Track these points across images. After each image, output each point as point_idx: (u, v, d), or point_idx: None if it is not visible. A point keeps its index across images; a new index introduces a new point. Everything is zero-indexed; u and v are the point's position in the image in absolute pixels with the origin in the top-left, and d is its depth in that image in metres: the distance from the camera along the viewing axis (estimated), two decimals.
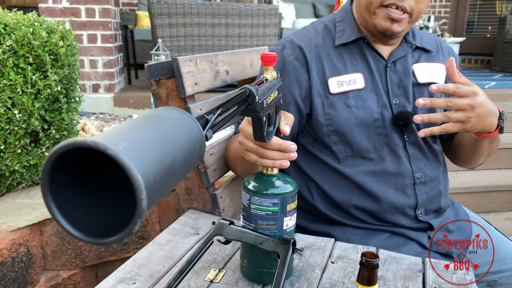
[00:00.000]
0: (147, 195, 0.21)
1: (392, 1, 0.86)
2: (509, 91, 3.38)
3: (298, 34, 0.99)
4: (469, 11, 6.01)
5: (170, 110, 0.29)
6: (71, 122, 1.57)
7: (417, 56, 0.99)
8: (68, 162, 0.23)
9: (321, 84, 0.92)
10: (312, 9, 5.69)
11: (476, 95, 0.80)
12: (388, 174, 0.93)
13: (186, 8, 2.87)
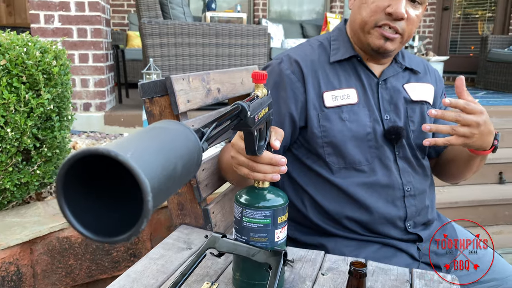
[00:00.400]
0: (153, 197, 0.24)
1: (385, 22, 0.91)
2: (492, 108, 3.47)
3: (295, 49, 1.04)
4: (452, 31, 6.20)
5: (171, 123, 0.32)
6: (63, 140, 1.58)
7: (407, 77, 1.04)
8: (80, 169, 0.25)
9: (316, 98, 0.96)
10: (300, 29, 5.82)
11: (482, 114, 0.85)
12: (379, 186, 0.96)
13: (177, 28, 2.93)
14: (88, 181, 0.27)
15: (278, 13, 6.32)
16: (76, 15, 2.86)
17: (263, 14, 6.05)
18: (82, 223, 0.26)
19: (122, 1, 5.71)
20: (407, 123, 1.00)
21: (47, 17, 2.84)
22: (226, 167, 0.98)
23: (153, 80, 1.52)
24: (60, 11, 2.84)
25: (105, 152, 0.23)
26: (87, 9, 2.87)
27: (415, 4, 0.92)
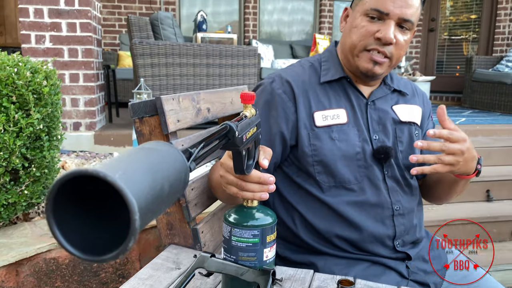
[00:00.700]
0: (140, 216, 0.24)
1: (374, 46, 0.94)
2: (478, 127, 3.54)
3: (286, 70, 1.06)
4: (438, 52, 6.35)
5: (159, 144, 0.33)
6: (52, 160, 1.57)
7: (396, 99, 1.07)
8: (69, 189, 0.26)
9: (307, 117, 0.98)
10: (290, 50, 5.92)
11: (465, 141, 0.88)
12: (368, 205, 0.98)
13: (167, 48, 2.96)
14: (77, 201, 0.28)
15: (268, 34, 6.43)
16: (67, 35, 2.89)
17: (253, 35, 6.15)
18: (70, 242, 0.26)
19: (113, 21, 5.76)
20: (396, 144, 1.02)
21: (38, 37, 2.85)
22: (215, 186, 0.99)
23: (144, 99, 1.53)
24: (52, 31, 2.86)
25: (94, 173, 0.24)
26: (79, 29, 2.89)
27: (403, 29, 0.95)
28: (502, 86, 4.62)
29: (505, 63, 4.88)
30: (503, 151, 3.07)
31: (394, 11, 0.91)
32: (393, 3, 0.91)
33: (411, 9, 0.92)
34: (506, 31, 5.70)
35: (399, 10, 0.91)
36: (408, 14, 0.92)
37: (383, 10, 0.91)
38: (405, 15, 0.92)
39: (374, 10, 0.92)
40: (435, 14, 6.26)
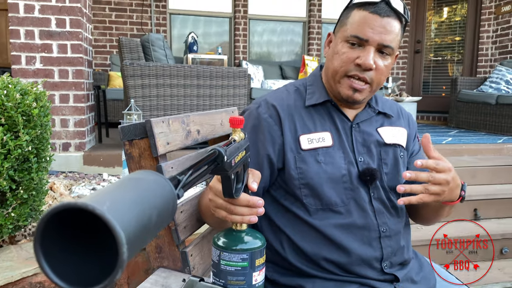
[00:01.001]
0: (128, 248, 0.25)
1: (354, 72, 0.96)
2: (464, 146, 3.60)
3: (272, 94, 1.08)
4: (424, 73, 6.49)
5: (146, 173, 0.33)
6: (40, 181, 1.56)
7: (381, 121, 1.08)
8: (57, 220, 0.26)
9: (293, 141, 0.99)
10: (279, 70, 6.00)
11: (450, 171, 0.90)
12: (355, 227, 0.98)
13: (158, 70, 2.99)
14: (65, 231, 0.28)
15: (258, 55, 6.52)
16: (58, 56, 2.90)
17: (243, 56, 6.24)
18: (57, 273, 0.27)
19: (104, 42, 5.80)
20: (381, 166, 1.04)
21: (29, 59, 2.86)
22: (205, 210, 0.99)
23: (134, 120, 1.52)
24: (42, 52, 2.87)
25: (83, 206, 0.25)
26: (70, 51, 2.91)
27: (383, 55, 0.97)
28: (486, 106, 4.72)
29: (489, 84, 5.01)
30: (489, 170, 3.12)
31: (373, 38, 0.93)
32: (372, 30, 0.93)
33: (391, 35, 0.94)
34: (488, 53, 5.86)
35: (378, 37, 0.93)
36: (388, 40, 0.94)
37: (363, 36, 0.94)
38: (385, 41, 0.94)
39: (354, 36, 0.95)
40: (421, 36, 6.43)
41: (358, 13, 0.95)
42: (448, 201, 0.95)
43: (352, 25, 0.95)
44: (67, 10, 2.88)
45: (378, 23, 0.93)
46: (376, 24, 0.93)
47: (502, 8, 5.60)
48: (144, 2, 5.86)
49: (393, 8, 0.93)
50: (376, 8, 0.93)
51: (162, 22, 5.96)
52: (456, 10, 6.30)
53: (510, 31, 5.50)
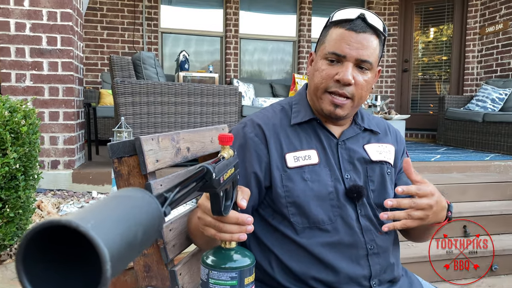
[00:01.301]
0: (111, 265, 0.25)
1: (334, 89, 0.98)
2: (452, 164, 3.64)
3: (258, 114, 1.09)
4: (413, 91, 6.60)
5: (133, 190, 0.34)
6: (28, 200, 1.54)
7: (367, 138, 1.09)
8: (41, 238, 0.26)
9: (279, 159, 0.99)
10: (270, 88, 6.06)
11: (433, 195, 0.90)
12: (343, 245, 0.98)
13: (149, 87, 3.00)
14: (49, 249, 0.28)
15: (249, 73, 6.58)
16: (48, 74, 2.90)
17: (234, 74, 6.29)
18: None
19: (96, 60, 5.82)
20: (367, 183, 1.04)
21: (19, 76, 2.85)
22: (194, 230, 0.98)
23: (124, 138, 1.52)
24: (33, 70, 2.87)
25: (67, 223, 0.25)
26: (60, 68, 2.91)
27: (362, 70, 0.98)
28: (473, 124, 4.80)
29: (475, 102, 5.10)
30: (478, 187, 3.15)
31: (350, 53, 0.95)
32: (349, 46, 0.95)
33: (368, 50, 0.96)
34: (474, 72, 5.99)
35: (355, 52, 0.95)
36: (365, 55, 0.96)
37: (340, 53, 0.96)
38: (362, 56, 0.95)
39: (332, 53, 0.97)
40: (408, 55, 6.56)
41: (335, 30, 0.98)
42: (434, 223, 0.96)
43: (330, 43, 0.98)
44: (58, 28, 2.89)
45: (354, 39, 0.95)
46: (353, 40, 0.95)
47: (486, 29, 5.76)
48: (136, 21, 5.92)
49: (369, 24, 0.96)
50: (352, 25, 0.95)
51: (153, 40, 6.01)
52: (443, 31, 6.46)
53: (494, 51, 5.65)
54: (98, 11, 5.76)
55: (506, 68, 5.45)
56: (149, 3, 5.96)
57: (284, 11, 6.54)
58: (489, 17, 5.73)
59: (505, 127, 4.40)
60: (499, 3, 5.56)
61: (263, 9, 6.50)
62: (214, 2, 6.26)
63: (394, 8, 6.54)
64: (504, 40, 5.48)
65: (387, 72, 6.63)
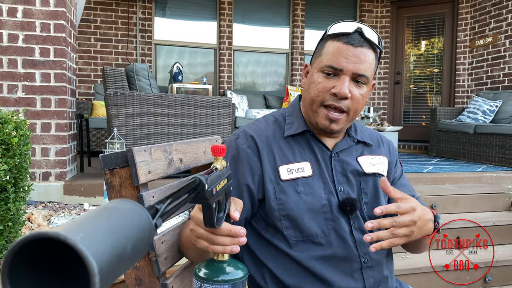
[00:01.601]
0: (100, 279, 0.24)
1: (331, 102, 0.97)
2: (445, 175, 3.66)
3: (251, 125, 1.08)
4: (405, 103, 6.66)
5: (123, 202, 0.33)
6: (17, 212, 1.52)
7: (360, 150, 1.09)
8: (28, 250, 0.26)
9: (272, 171, 0.99)
10: (264, 100, 6.08)
11: (415, 210, 0.87)
12: (336, 259, 0.97)
13: (142, 99, 2.99)
14: (36, 262, 0.27)
15: (243, 85, 6.61)
16: (41, 85, 2.88)
17: (228, 85, 6.31)
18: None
19: (89, 71, 5.81)
20: (360, 195, 1.03)
21: (11, 87, 2.84)
22: (186, 242, 0.97)
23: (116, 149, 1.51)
24: (25, 81, 2.86)
25: (54, 236, 0.24)
26: (53, 80, 2.90)
27: (359, 84, 0.98)
28: (465, 135, 4.84)
29: (467, 114, 5.16)
30: (470, 198, 3.16)
31: (347, 67, 0.95)
32: (346, 60, 0.95)
33: (365, 64, 0.96)
34: (465, 84, 6.07)
35: (352, 66, 0.95)
36: (362, 69, 0.95)
37: (337, 66, 0.95)
38: (359, 70, 0.95)
39: (329, 66, 0.96)
40: (400, 67, 6.64)
41: (332, 44, 0.97)
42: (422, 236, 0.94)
43: (327, 56, 0.97)
44: (51, 39, 2.89)
45: (351, 53, 0.95)
46: (350, 54, 0.95)
47: (476, 42, 5.85)
48: (129, 33, 5.94)
49: (366, 38, 0.96)
50: (350, 38, 0.95)
51: (147, 52, 6.02)
52: (434, 44, 6.56)
53: (484, 64, 5.74)
54: (92, 23, 5.77)
55: (496, 81, 5.53)
56: (143, 15, 5.98)
57: (278, 23, 6.61)
58: (478, 30, 5.83)
59: (496, 139, 4.45)
60: (488, 17, 5.66)
61: (257, 21, 6.56)
62: (208, 15, 6.30)
63: (386, 21, 6.64)
64: (494, 53, 5.57)
65: (379, 84, 6.70)
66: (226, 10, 6.22)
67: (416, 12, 6.45)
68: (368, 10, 6.65)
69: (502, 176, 3.74)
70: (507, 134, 4.32)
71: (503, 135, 4.37)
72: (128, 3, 5.91)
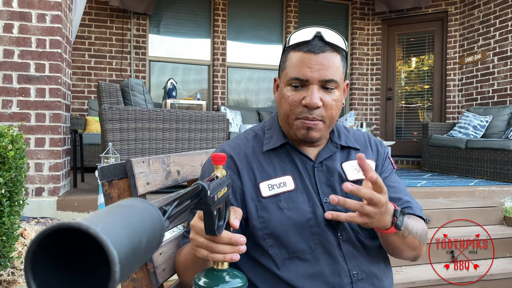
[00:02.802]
0: (120, 268, 0.25)
1: (304, 114, 0.95)
2: (438, 189, 3.69)
3: (230, 143, 1.06)
4: (397, 118, 6.74)
5: (136, 200, 0.34)
6: (12, 226, 1.50)
7: (346, 155, 1.05)
8: (49, 242, 0.27)
9: (253, 189, 0.96)
10: (257, 115, 6.12)
11: (383, 205, 0.82)
12: (325, 275, 0.94)
13: (137, 114, 3.00)
14: (56, 255, 0.28)
15: (236, 101, 6.65)
16: (35, 100, 2.89)
17: (221, 101, 6.35)
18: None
19: (83, 87, 5.82)
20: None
21: (5, 102, 2.83)
22: (184, 264, 0.94)
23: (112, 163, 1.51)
24: (20, 96, 2.86)
25: (76, 226, 0.25)
26: (48, 95, 2.90)
27: (328, 90, 0.95)
28: (457, 150, 4.91)
29: (458, 129, 5.23)
30: (463, 211, 3.19)
31: (313, 76, 0.92)
32: (310, 69, 0.92)
33: (330, 69, 0.93)
34: (456, 100, 6.18)
35: (317, 74, 0.92)
36: (329, 75, 0.92)
37: (303, 77, 0.93)
38: (326, 77, 0.92)
39: (295, 79, 0.94)
40: (392, 84, 6.74)
41: (294, 54, 0.95)
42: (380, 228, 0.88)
43: (291, 68, 0.95)
44: (47, 55, 2.91)
45: (314, 61, 0.92)
46: (313, 62, 0.92)
47: (466, 58, 5.98)
48: (124, 49, 5.98)
49: (327, 42, 0.93)
50: (310, 46, 0.92)
51: (141, 68, 6.06)
52: (424, 60, 6.69)
53: (474, 80, 5.85)
54: (86, 39, 5.81)
55: (486, 96, 5.63)
56: (137, 32, 6.04)
57: (271, 40, 6.70)
58: (467, 47, 5.97)
59: (487, 153, 4.51)
60: (477, 35, 5.80)
61: (250, 39, 6.65)
62: (202, 32, 6.38)
63: (377, 38, 6.77)
64: (483, 70, 5.69)
65: (371, 100, 6.78)
66: (220, 27, 6.30)
67: (406, 30, 6.60)
68: (360, 27, 6.78)
69: (495, 190, 3.78)
70: (498, 148, 4.38)
71: (494, 150, 4.43)
72: (123, 20, 5.97)
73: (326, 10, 6.83)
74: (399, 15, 6.53)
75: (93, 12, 5.83)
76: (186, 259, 0.91)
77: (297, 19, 6.60)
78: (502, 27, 5.40)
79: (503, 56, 5.37)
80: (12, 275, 1.67)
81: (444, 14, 6.26)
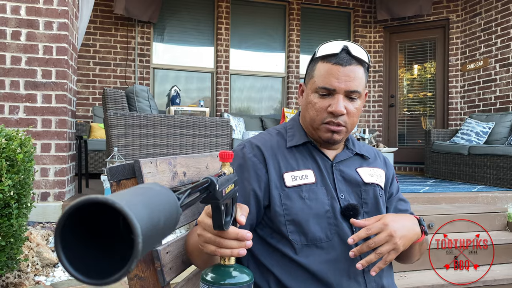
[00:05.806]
0: (142, 240, 0.27)
1: (329, 119, 1.04)
2: (441, 195, 3.69)
3: (255, 137, 1.14)
4: (399, 125, 6.76)
5: (154, 184, 0.36)
6: (20, 228, 1.52)
7: (359, 162, 1.15)
8: (75, 219, 0.29)
9: (278, 178, 1.03)
10: (260, 122, 6.15)
11: (387, 225, 0.93)
12: (340, 262, 1.00)
13: (142, 119, 3.04)
14: (82, 231, 0.30)
15: (239, 109, 6.69)
16: (42, 106, 2.92)
17: (225, 108, 6.39)
18: (76, 268, 0.29)
19: (87, 95, 5.88)
20: (361, 204, 1.08)
21: (12, 108, 2.87)
22: (192, 250, 0.99)
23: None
24: (26, 102, 2.90)
25: (103, 200, 0.27)
26: (54, 101, 2.94)
27: (352, 99, 1.05)
28: (460, 157, 4.91)
29: (460, 135, 5.24)
30: (467, 217, 3.19)
31: (339, 86, 1.01)
32: (338, 80, 1.01)
33: (355, 81, 1.02)
34: (458, 107, 6.19)
35: (344, 85, 1.01)
36: (354, 86, 1.02)
37: (330, 87, 1.02)
38: (351, 88, 1.02)
39: (323, 88, 1.03)
40: (394, 91, 6.77)
41: (322, 65, 1.04)
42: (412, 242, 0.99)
43: (319, 78, 1.04)
44: (53, 62, 2.95)
45: (341, 72, 1.01)
46: (340, 73, 1.01)
47: (467, 66, 6.01)
48: (128, 57, 6.04)
49: (353, 55, 1.01)
50: (338, 58, 1.01)
51: (145, 76, 6.12)
52: (426, 68, 6.72)
53: (476, 87, 5.87)
54: (91, 47, 5.88)
55: (488, 103, 5.65)
56: (142, 40, 6.11)
57: (274, 49, 6.76)
58: (469, 54, 6.00)
59: (490, 160, 4.51)
60: (478, 42, 5.84)
61: (253, 46, 6.71)
62: (205, 40, 6.44)
63: (379, 46, 6.81)
64: (485, 77, 5.71)
65: (373, 107, 6.81)
66: (223, 35, 6.36)
67: (408, 37, 6.64)
68: (362, 35, 6.83)
69: (498, 196, 3.78)
70: (501, 155, 4.39)
71: (497, 156, 4.43)
72: (127, 28, 6.04)
73: (328, 18, 6.89)
74: (401, 23, 6.58)
75: (98, 21, 5.91)
76: (194, 247, 0.95)
77: (299, 27, 6.65)
78: (503, 34, 5.44)
79: (505, 63, 5.39)
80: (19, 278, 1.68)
81: (445, 22, 6.30)
